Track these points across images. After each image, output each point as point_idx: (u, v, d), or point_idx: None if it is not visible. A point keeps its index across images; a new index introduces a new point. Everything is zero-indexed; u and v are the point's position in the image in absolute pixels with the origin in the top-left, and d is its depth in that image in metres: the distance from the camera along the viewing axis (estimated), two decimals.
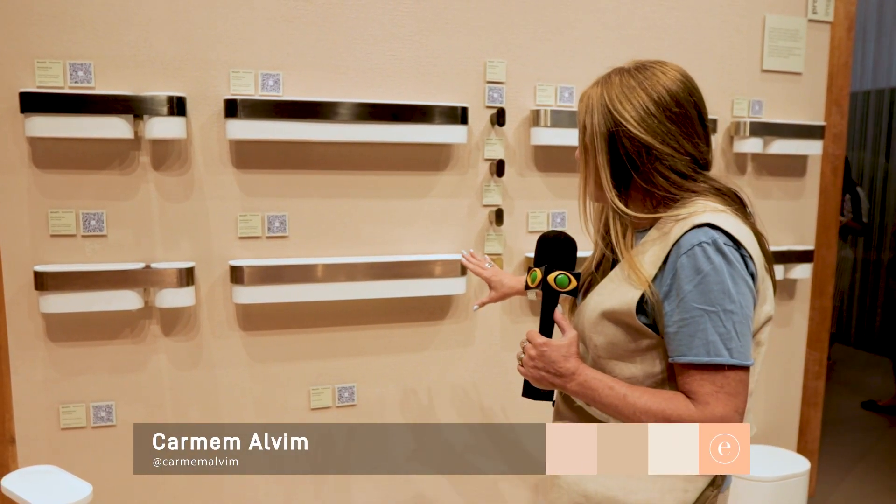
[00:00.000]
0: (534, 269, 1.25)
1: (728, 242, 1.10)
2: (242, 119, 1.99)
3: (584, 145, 1.23)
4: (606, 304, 1.18)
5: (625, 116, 1.16)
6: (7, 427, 2.01)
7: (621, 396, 1.14)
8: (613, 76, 1.22)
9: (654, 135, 1.15)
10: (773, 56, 2.62)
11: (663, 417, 1.11)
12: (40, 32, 1.90)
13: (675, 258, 1.11)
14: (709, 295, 1.09)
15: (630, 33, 2.41)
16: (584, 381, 1.17)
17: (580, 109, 1.24)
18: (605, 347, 1.19)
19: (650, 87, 1.17)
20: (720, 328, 1.09)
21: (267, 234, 2.13)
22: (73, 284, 1.91)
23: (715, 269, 1.09)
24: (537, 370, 1.20)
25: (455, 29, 2.22)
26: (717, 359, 1.08)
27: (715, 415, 1.09)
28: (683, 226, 1.12)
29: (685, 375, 1.12)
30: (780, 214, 2.73)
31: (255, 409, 2.18)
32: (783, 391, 2.86)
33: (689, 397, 1.11)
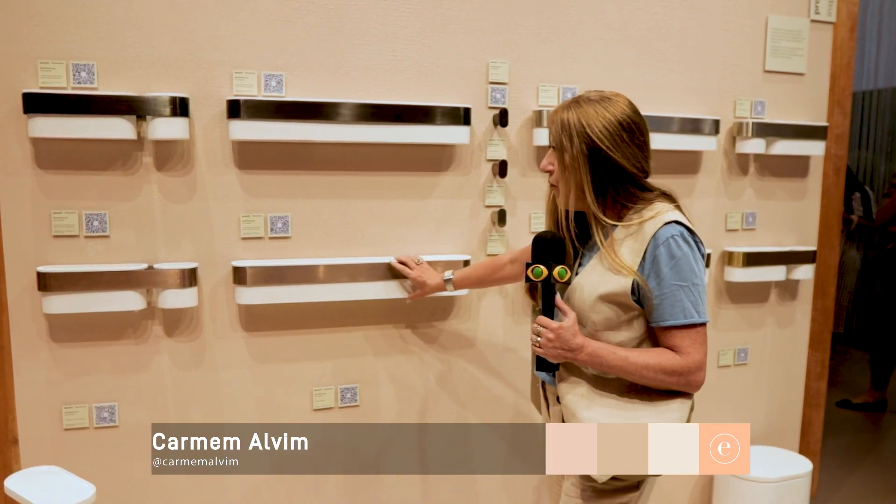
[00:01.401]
0: (535, 265, 1.50)
1: (687, 234, 1.48)
2: (245, 120, 1.98)
3: (563, 164, 1.51)
4: (602, 288, 1.50)
5: (604, 142, 1.46)
6: (10, 428, 2.01)
7: (623, 358, 1.48)
8: (584, 104, 1.49)
9: (626, 158, 1.48)
10: (775, 57, 2.62)
11: (660, 369, 1.47)
12: (43, 33, 1.89)
13: (654, 249, 1.47)
14: (681, 274, 1.46)
15: (633, 34, 2.41)
16: (592, 352, 1.48)
17: (553, 130, 1.52)
18: (602, 322, 1.52)
19: (621, 118, 1.48)
20: (691, 297, 1.47)
21: (269, 234, 2.12)
22: (75, 285, 1.91)
23: (684, 255, 1.46)
24: (556, 349, 1.49)
25: (458, 29, 2.21)
26: (692, 319, 1.48)
27: (695, 360, 1.49)
28: (654, 224, 1.48)
29: (669, 334, 1.49)
30: (783, 215, 2.73)
31: (257, 410, 2.18)
32: (785, 392, 2.86)
33: (673, 350, 1.49)
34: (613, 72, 2.41)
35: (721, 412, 2.76)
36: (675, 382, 1.50)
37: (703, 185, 2.59)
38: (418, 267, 2.12)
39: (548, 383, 1.68)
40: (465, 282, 2.09)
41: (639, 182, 1.52)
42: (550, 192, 1.63)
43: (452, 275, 2.08)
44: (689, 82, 2.51)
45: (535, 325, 1.51)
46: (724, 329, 2.71)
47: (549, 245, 1.51)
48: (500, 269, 2.02)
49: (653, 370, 1.47)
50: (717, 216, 2.63)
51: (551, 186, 1.60)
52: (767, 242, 2.72)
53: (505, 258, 2.03)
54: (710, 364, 2.66)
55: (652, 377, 1.48)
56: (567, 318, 1.50)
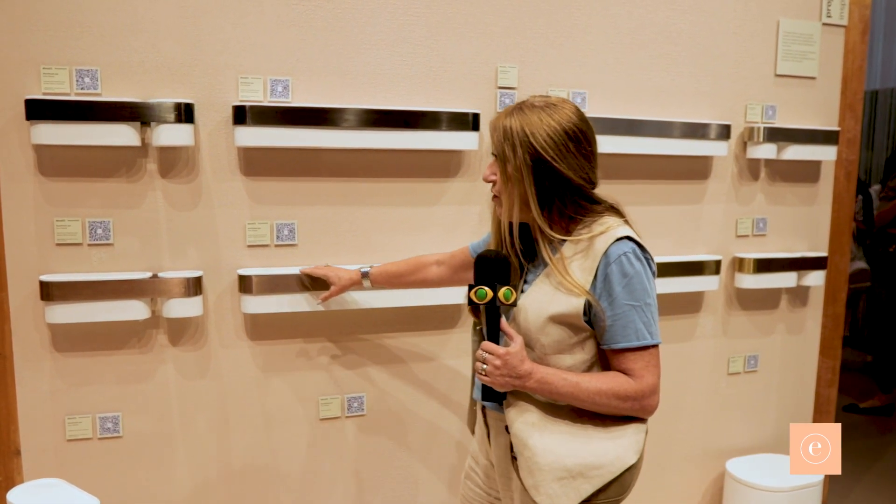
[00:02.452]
0: (479, 286, 1.40)
1: (639, 250, 1.40)
2: (251, 126, 1.95)
3: (506, 174, 1.41)
4: (552, 309, 1.40)
5: (549, 152, 1.36)
6: (12, 438, 1.98)
7: (574, 384, 1.39)
8: (528, 111, 1.39)
9: (572, 169, 1.39)
10: (786, 60, 2.59)
11: (613, 394, 1.39)
12: (46, 38, 1.86)
13: (605, 267, 1.38)
14: (634, 293, 1.37)
15: (643, 38, 2.38)
16: (540, 378, 1.39)
17: (495, 138, 1.42)
18: (551, 345, 1.42)
19: (567, 126, 1.38)
20: (643, 318, 1.39)
21: (276, 242, 2.09)
22: (79, 294, 1.88)
23: (636, 273, 1.38)
24: (503, 377, 1.39)
25: (466, 34, 2.18)
26: (644, 341, 1.39)
27: (649, 383, 1.40)
28: (606, 240, 1.39)
29: (621, 357, 1.41)
30: (794, 221, 2.69)
31: (263, 420, 2.15)
32: (795, 399, 2.83)
33: (626, 374, 1.40)
34: (623, 76, 2.37)
35: (731, 420, 2.73)
36: (628, 408, 1.41)
37: (713, 190, 2.56)
38: (327, 266, 2.02)
39: (491, 409, 1.56)
40: (383, 277, 1.96)
41: (586, 194, 1.43)
42: (494, 204, 1.52)
43: (370, 268, 1.97)
44: (700, 86, 2.48)
45: (481, 351, 1.41)
46: (734, 336, 2.68)
47: (493, 265, 1.41)
48: (423, 269, 1.92)
49: (605, 396, 1.38)
50: (727, 222, 2.60)
51: (494, 198, 1.49)
52: (778, 248, 2.69)
53: (431, 258, 1.93)
54: (720, 372, 2.66)
55: (605, 403, 1.39)
56: (514, 342, 1.40)
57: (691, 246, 2.56)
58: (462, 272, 1.87)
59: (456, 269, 1.89)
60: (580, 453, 1.40)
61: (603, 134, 2.25)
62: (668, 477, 2.67)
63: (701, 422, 2.68)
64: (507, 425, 1.46)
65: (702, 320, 2.62)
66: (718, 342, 2.66)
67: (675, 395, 2.62)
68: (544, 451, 1.40)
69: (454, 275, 1.90)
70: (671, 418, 2.63)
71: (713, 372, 2.67)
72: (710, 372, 2.67)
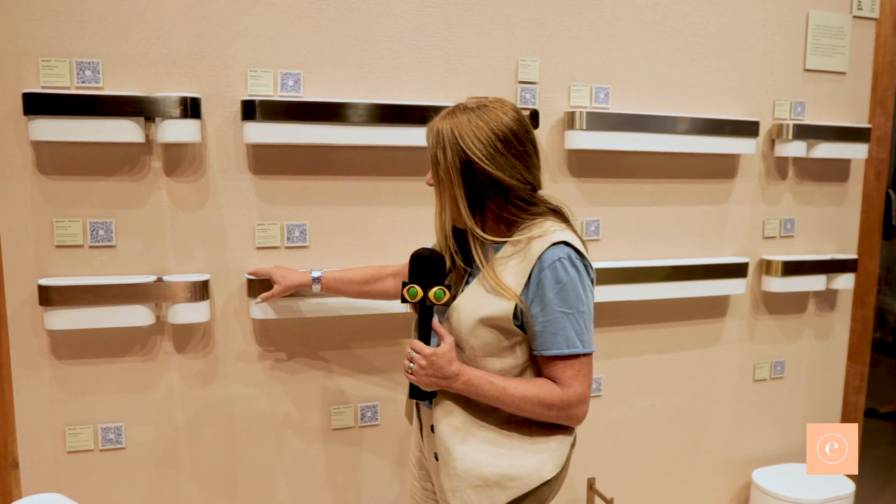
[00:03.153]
0: (411, 285, 1.40)
1: (576, 256, 1.37)
2: (260, 121, 1.86)
3: (438, 177, 1.40)
4: (482, 311, 1.38)
5: (476, 154, 1.34)
6: (10, 451, 1.89)
7: (501, 388, 1.37)
8: (459, 113, 1.38)
9: (502, 170, 1.36)
10: (816, 55, 2.49)
11: (538, 401, 1.37)
12: (45, 29, 1.77)
13: (539, 272, 1.35)
14: (567, 300, 1.35)
15: (669, 30, 2.28)
16: (467, 380, 1.38)
17: (430, 142, 1.41)
18: (481, 348, 1.40)
19: (495, 127, 1.35)
20: (575, 325, 1.36)
21: (286, 243, 2.00)
22: (79, 299, 1.79)
23: (570, 280, 1.35)
24: (428, 377, 1.38)
25: (485, 26, 2.08)
26: (575, 349, 1.36)
27: (577, 392, 1.38)
28: (542, 244, 1.36)
29: (550, 364, 1.39)
30: (822, 221, 2.59)
31: (272, 431, 2.05)
32: (822, 406, 2.73)
33: (554, 381, 1.39)
34: (648, 71, 2.28)
35: (757, 428, 2.63)
36: (554, 416, 1.39)
37: (739, 190, 2.46)
38: (276, 266, 1.92)
39: (423, 405, 1.56)
40: (336, 284, 1.85)
41: (521, 196, 1.39)
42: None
43: (322, 273, 1.85)
44: (727, 81, 2.38)
45: (409, 350, 1.40)
46: (761, 341, 2.58)
47: (427, 263, 1.40)
48: (379, 281, 1.84)
49: (530, 402, 1.37)
50: (754, 223, 2.50)
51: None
52: (806, 250, 2.59)
53: (388, 270, 1.85)
54: (745, 378, 2.57)
55: (530, 409, 1.38)
56: (444, 342, 1.39)
57: (716, 248, 2.46)
58: None
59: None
60: (499, 463, 1.40)
61: (626, 130, 2.18)
62: (692, 487, 2.58)
63: (726, 430, 2.59)
64: (433, 425, 1.46)
65: (727, 325, 2.52)
66: (744, 347, 2.56)
67: (699, 403, 2.52)
68: (463, 457, 1.40)
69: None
70: (695, 426, 2.54)
71: (738, 378, 2.57)
72: (735, 378, 2.57)
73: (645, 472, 2.50)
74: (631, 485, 2.49)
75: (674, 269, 2.32)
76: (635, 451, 2.47)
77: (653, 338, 2.42)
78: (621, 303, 2.33)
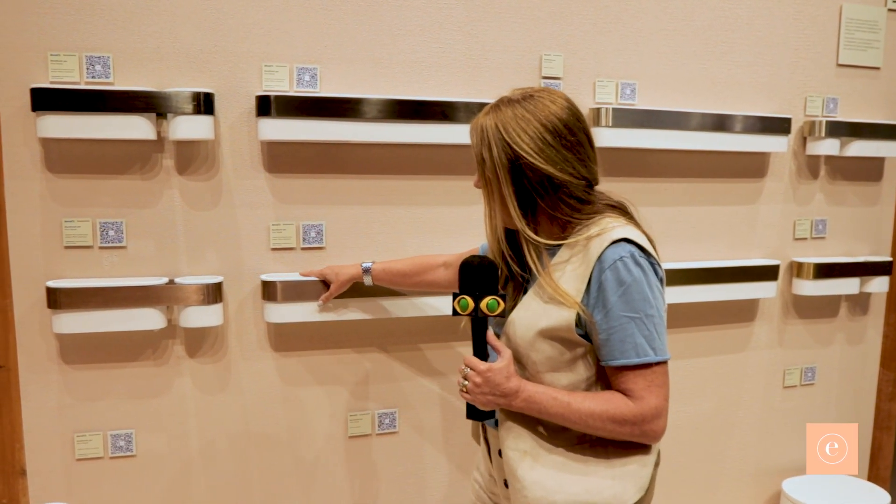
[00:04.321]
0: (462, 296, 1.28)
1: (640, 254, 1.24)
2: (276, 118, 1.79)
3: (485, 177, 1.30)
4: (542, 323, 1.27)
5: (523, 148, 1.24)
6: (17, 458, 1.83)
7: (565, 404, 1.25)
8: (503, 107, 1.28)
9: (553, 164, 1.24)
10: (849, 49, 2.40)
11: (608, 417, 1.24)
12: (54, 22, 1.71)
13: (599, 273, 1.23)
14: (632, 303, 1.22)
15: (697, 24, 2.20)
16: (528, 397, 1.26)
17: (474, 141, 1.30)
18: (543, 362, 1.29)
19: (543, 118, 1.25)
20: (644, 331, 1.23)
21: (302, 244, 1.93)
22: (89, 302, 1.73)
23: (635, 280, 1.22)
24: (484, 395, 1.27)
25: (508, 19, 2.01)
26: (646, 358, 1.23)
27: (651, 406, 1.24)
28: (601, 243, 1.24)
29: (620, 376, 1.25)
30: (855, 222, 2.50)
31: (288, 438, 1.98)
32: (854, 414, 2.64)
33: (625, 394, 1.25)
34: (676, 66, 2.19)
35: (786, 436, 2.54)
36: (627, 433, 1.26)
37: (770, 189, 2.37)
38: (326, 266, 1.88)
39: (489, 426, 1.44)
40: (386, 275, 1.80)
41: (575, 193, 1.27)
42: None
43: (372, 264, 1.81)
44: (757, 77, 2.29)
45: (463, 366, 1.29)
46: (791, 347, 2.49)
47: (477, 272, 1.27)
48: (430, 271, 1.77)
49: (599, 419, 1.24)
50: (784, 224, 2.41)
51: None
52: (838, 252, 2.50)
53: (439, 259, 1.78)
54: (775, 385, 2.48)
55: (599, 426, 1.25)
56: (500, 357, 1.27)
57: (746, 249, 2.38)
58: None
59: None
60: (573, 489, 1.27)
61: (653, 128, 2.11)
62: (720, 497, 2.49)
63: (754, 438, 2.50)
64: (501, 450, 1.34)
65: (756, 329, 2.44)
66: (774, 353, 2.47)
67: (727, 410, 2.44)
68: (533, 485, 1.28)
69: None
70: (723, 434, 2.45)
71: (768, 385, 2.48)
72: (764, 385, 2.48)
73: (671, 481, 2.41)
74: (656, 494, 2.40)
75: (701, 271, 2.24)
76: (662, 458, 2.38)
77: (679, 343, 2.34)
78: None
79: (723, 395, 2.43)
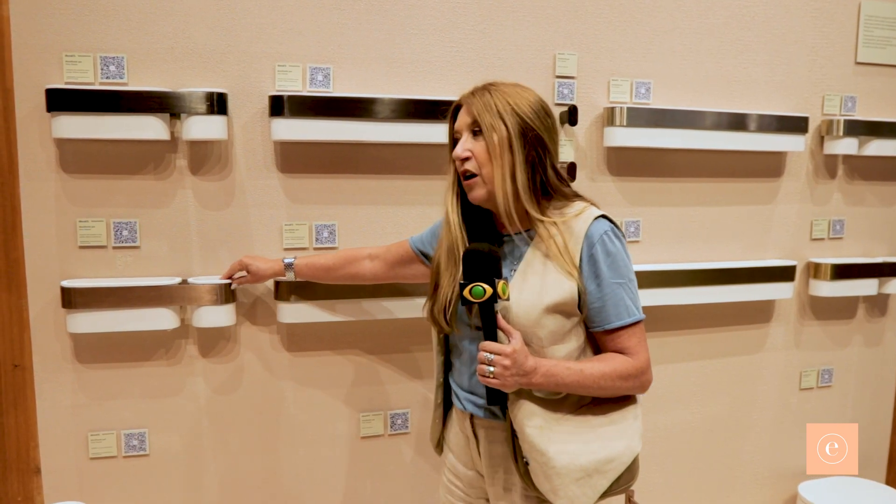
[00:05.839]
0: (474, 283, 1.29)
1: (616, 228, 1.39)
2: (289, 118, 1.79)
3: (492, 146, 1.34)
4: (547, 299, 1.35)
5: (534, 122, 1.35)
6: (32, 456, 1.84)
7: (579, 371, 1.34)
8: (500, 86, 1.38)
9: (553, 143, 1.39)
10: (868, 47, 2.36)
11: (616, 375, 1.36)
12: (68, 23, 1.71)
13: (589, 248, 1.36)
14: (619, 271, 1.37)
15: (713, 22, 2.18)
16: (546, 372, 1.33)
17: (476, 111, 1.36)
18: (548, 336, 1.36)
19: (533, 99, 1.38)
20: (630, 294, 1.38)
21: (315, 245, 1.93)
22: (102, 301, 1.73)
23: (618, 251, 1.37)
24: (513, 377, 1.31)
25: (522, 18, 2.00)
26: (636, 317, 1.38)
27: (644, 358, 1.39)
28: (584, 221, 1.36)
29: (615, 337, 1.38)
30: (873, 222, 2.47)
31: (300, 438, 1.98)
32: (872, 416, 2.60)
33: (622, 353, 1.39)
34: (691, 64, 2.17)
35: (802, 439, 2.51)
36: (629, 386, 1.39)
37: (786, 189, 2.35)
38: (246, 256, 1.82)
39: (478, 417, 1.48)
40: (310, 270, 1.78)
41: (557, 171, 1.41)
42: (453, 190, 1.44)
43: (294, 259, 1.78)
44: (773, 76, 2.27)
45: (484, 353, 1.31)
46: (807, 348, 2.46)
47: (488, 259, 1.31)
48: (354, 263, 1.77)
49: (610, 378, 1.36)
50: (801, 224, 2.38)
51: (469, 179, 1.39)
52: (856, 252, 2.46)
53: (363, 252, 1.77)
54: (791, 387, 2.45)
55: (609, 386, 1.37)
56: (513, 338, 1.32)
57: (762, 250, 2.35)
58: (399, 268, 1.73)
59: (392, 264, 1.74)
60: (592, 448, 1.38)
61: (668, 127, 2.09)
62: (735, 500, 2.46)
63: (770, 440, 2.47)
64: (516, 431, 1.39)
65: (772, 331, 2.41)
66: (790, 355, 2.44)
67: (742, 412, 2.41)
68: (557, 454, 1.35)
69: (390, 271, 1.75)
70: (738, 436, 2.42)
71: (784, 387, 2.46)
72: (780, 387, 2.45)
73: (685, 485, 2.39)
74: (670, 498, 2.38)
75: (717, 272, 2.21)
76: (675, 462, 2.36)
77: (694, 344, 2.32)
78: (661, 307, 2.23)
79: (738, 397, 2.40)
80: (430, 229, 1.68)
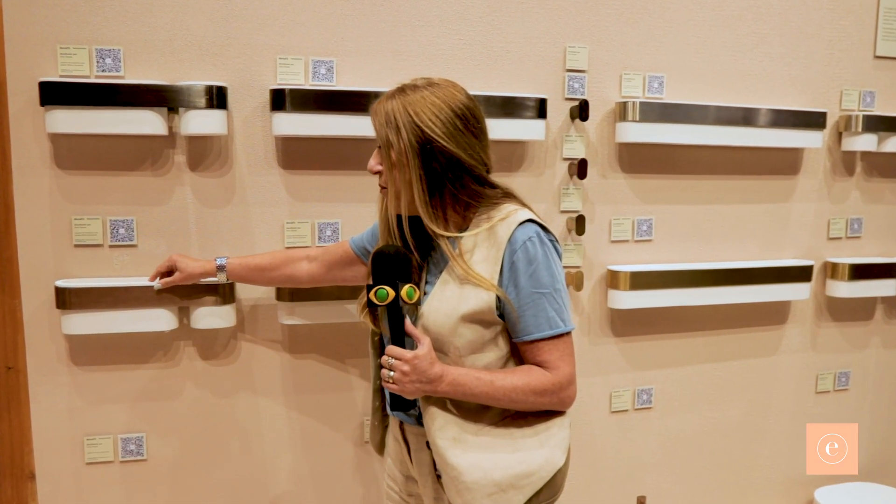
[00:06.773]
0: (379, 286, 1.27)
1: (543, 234, 1.31)
2: (291, 112, 1.73)
3: (390, 162, 1.30)
4: (463, 308, 1.30)
5: (436, 132, 1.26)
6: (26, 461, 1.79)
7: (489, 383, 1.29)
8: (409, 91, 1.30)
9: (462, 148, 1.28)
10: (887, 40, 2.30)
11: (530, 390, 1.30)
12: (63, 14, 1.66)
13: (511, 254, 1.29)
14: (541, 280, 1.29)
15: (728, 14, 2.11)
16: (452, 381, 1.28)
17: (377, 124, 1.31)
18: (465, 346, 1.32)
19: (452, 104, 1.28)
20: (554, 305, 1.30)
21: (318, 243, 1.87)
22: (98, 302, 1.68)
23: (542, 258, 1.29)
24: (413, 383, 1.27)
25: (531, 9, 1.94)
26: (558, 329, 1.31)
27: (566, 373, 1.32)
28: (508, 227, 1.30)
29: (534, 349, 1.32)
30: (892, 221, 2.41)
31: (302, 443, 1.93)
32: (889, 419, 2.54)
33: (541, 366, 1.32)
34: (705, 58, 2.11)
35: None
36: (547, 402, 1.32)
37: (803, 187, 2.28)
38: (176, 254, 1.73)
39: (408, 423, 1.44)
40: (243, 270, 1.71)
41: (480, 177, 1.32)
42: (381, 198, 1.39)
43: (227, 259, 1.70)
44: (790, 70, 2.20)
45: (386, 357, 1.28)
46: (824, 350, 2.40)
47: (393, 262, 1.28)
48: (290, 264, 1.71)
49: (522, 392, 1.30)
50: (818, 223, 2.32)
51: (382, 189, 1.37)
52: (874, 252, 2.40)
53: (301, 253, 1.72)
54: (807, 390, 2.38)
55: (522, 400, 1.30)
56: (421, 344, 1.28)
57: (778, 249, 2.29)
58: (338, 270, 1.68)
59: (331, 266, 1.68)
60: (508, 463, 1.31)
61: (681, 122, 2.03)
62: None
63: (785, 445, 2.41)
64: (428, 441, 1.35)
65: (788, 332, 2.35)
66: (806, 357, 2.38)
67: (756, 416, 2.35)
68: (470, 468, 1.30)
69: (328, 273, 1.69)
70: (753, 441, 2.36)
71: (799, 390, 2.39)
72: (796, 390, 2.39)
73: (698, 490, 2.33)
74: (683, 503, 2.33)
75: (731, 272, 2.15)
76: (688, 467, 2.30)
77: (708, 346, 2.26)
78: (674, 308, 2.17)
79: (753, 401, 2.34)
80: (370, 229, 1.63)
